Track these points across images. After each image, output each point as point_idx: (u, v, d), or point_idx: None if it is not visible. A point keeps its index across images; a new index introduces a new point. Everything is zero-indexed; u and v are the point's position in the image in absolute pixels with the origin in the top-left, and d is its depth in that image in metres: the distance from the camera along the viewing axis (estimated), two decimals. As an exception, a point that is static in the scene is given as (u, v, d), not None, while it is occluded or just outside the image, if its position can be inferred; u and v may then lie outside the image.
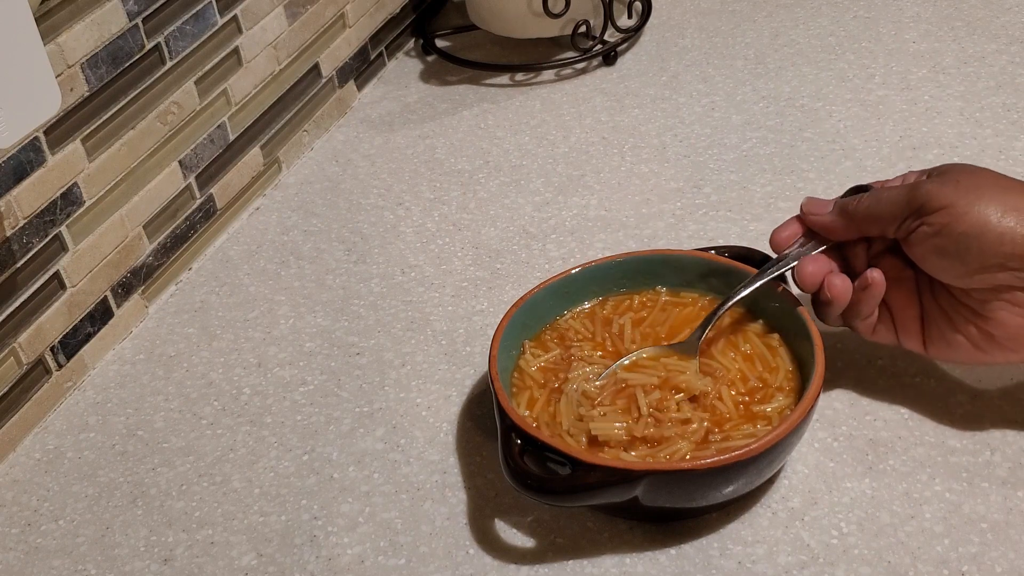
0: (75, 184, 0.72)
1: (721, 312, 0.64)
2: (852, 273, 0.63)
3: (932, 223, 0.59)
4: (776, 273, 0.64)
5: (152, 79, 0.77)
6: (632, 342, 0.65)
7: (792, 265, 0.64)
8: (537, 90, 1.00)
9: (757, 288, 0.64)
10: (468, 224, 0.84)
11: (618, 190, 0.86)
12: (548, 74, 1.02)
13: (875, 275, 0.61)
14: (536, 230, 0.83)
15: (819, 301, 0.63)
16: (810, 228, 0.65)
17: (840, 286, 0.62)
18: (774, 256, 0.65)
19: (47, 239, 0.70)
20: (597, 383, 0.62)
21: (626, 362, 0.64)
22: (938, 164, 0.84)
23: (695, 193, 0.84)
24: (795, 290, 0.65)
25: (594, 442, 0.60)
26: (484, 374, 0.71)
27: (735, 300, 0.64)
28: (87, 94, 0.71)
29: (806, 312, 0.63)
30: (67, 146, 0.71)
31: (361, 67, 1.02)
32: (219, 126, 0.84)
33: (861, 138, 0.87)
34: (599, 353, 0.65)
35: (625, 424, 0.60)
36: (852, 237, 0.64)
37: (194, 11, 0.79)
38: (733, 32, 1.04)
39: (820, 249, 0.64)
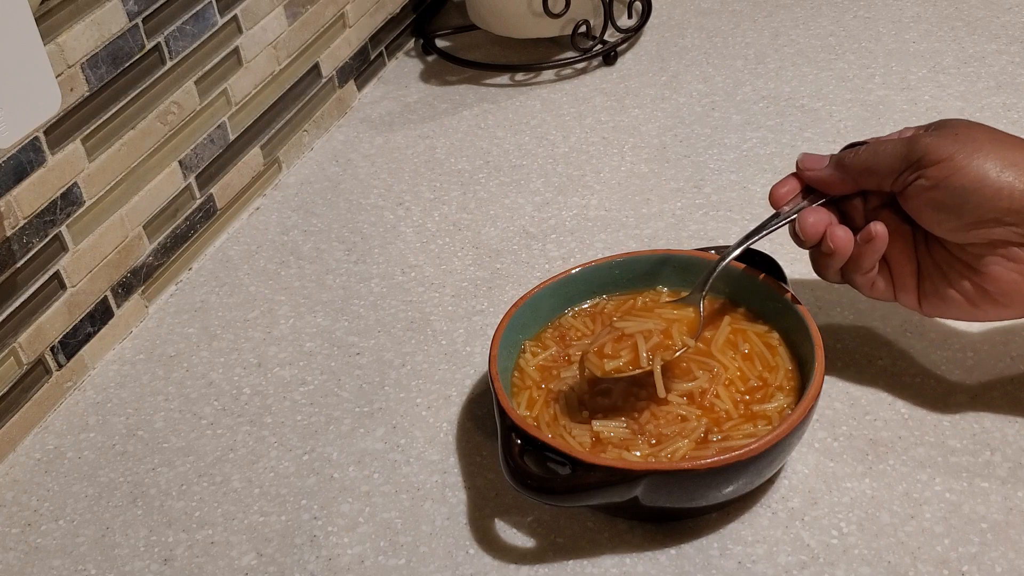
0: (75, 184, 0.72)
1: (722, 265, 0.64)
2: (851, 228, 0.63)
3: (930, 176, 0.58)
4: (777, 226, 0.64)
5: (152, 79, 0.77)
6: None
7: (792, 217, 0.64)
8: (537, 90, 1.00)
9: (757, 240, 0.64)
10: (468, 224, 0.84)
11: (618, 190, 0.86)
12: (548, 74, 1.02)
13: (878, 228, 0.61)
14: (536, 230, 0.83)
15: (820, 253, 0.63)
16: (807, 184, 0.65)
17: (843, 237, 0.62)
18: (776, 254, 0.66)
19: (47, 239, 0.70)
20: (595, 341, 0.63)
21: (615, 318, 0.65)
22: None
23: (695, 193, 0.84)
24: (791, 258, 0.66)
25: (596, 442, 0.60)
26: (484, 374, 0.71)
27: (736, 253, 0.64)
28: (87, 94, 0.71)
29: (806, 311, 0.63)
30: (67, 146, 0.71)
31: (361, 67, 1.02)
32: (219, 126, 0.84)
33: (861, 138, 0.87)
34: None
35: (626, 422, 0.60)
36: (849, 191, 0.63)
37: (194, 11, 0.79)
38: (733, 32, 1.04)
39: (819, 203, 0.64)
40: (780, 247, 0.77)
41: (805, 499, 0.60)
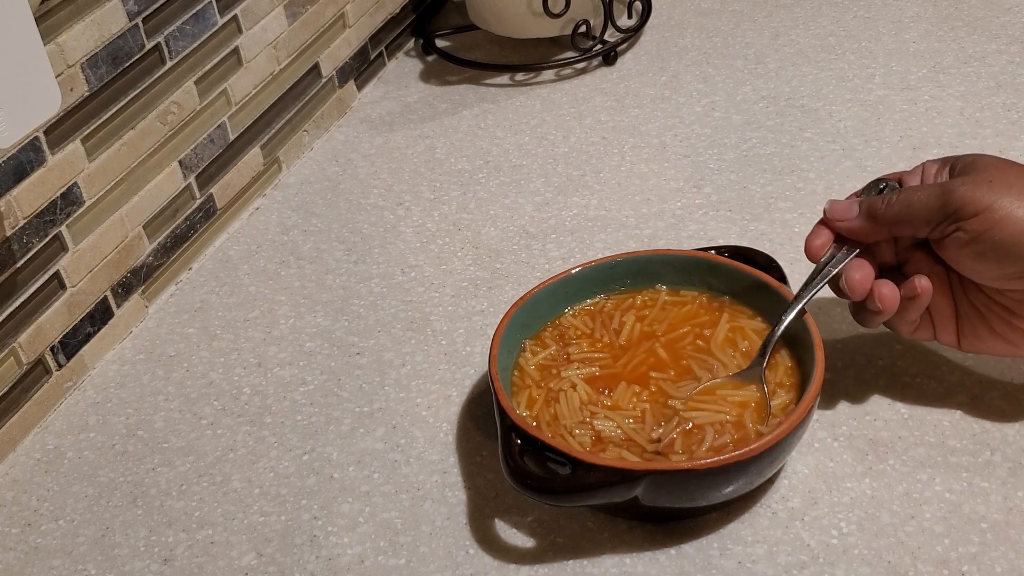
0: (75, 184, 0.72)
1: (779, 333, 0.62)
2: (881, 269, 0.62)
3: (969, 229, 0.57)
4: (824, 283, 0.63)
5: (152, 79, 0.77)
6: (631, 338, 0.66)
7: (834, 273, 0.62)
8: (537, 90, 1.00)
9: (808, 301, 0.62)
10: (468, 224, 0.84)
11: (618, 190, 0.86)
12: (548, 74, 1.02)
13: (923, 283, 0.60)
14: (536, 230, 0.83)
15: (866, 309, 0.62)
16: (838, 233, 0.63)
17: (889, 296, 0.60)
18: (778, 259, 0.65)
19: (47, 239, 0.70)
20: (658, 431, 0.60)
21: (678, 404, 0.61)
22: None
23: (695, 193, 0.84)
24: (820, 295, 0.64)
25: (598, 442, 0.60)
26: (484, 374, 0.71)
27: (790, 318, 0.62)
28: (87, 94, 0.71)
29: (804, 310, 0.63)
30: (67, 146, 0.71)
31: (361, 67, 1.02)
32: (219, 126, 0.84)
33: (861, 138, 0.87)
34: (596, 352, 0.65)
35: (631, 422, 0.60)
36: (882, 239, 0.62)
37: (194, 11, 0.79)
38: (733, 32, 1.04)
39: (854, 253, 0.63)
40: (780, 247, 0.77)
41: (805, 499, 0.60)
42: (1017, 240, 0.56)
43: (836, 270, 0.62)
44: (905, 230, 0.61)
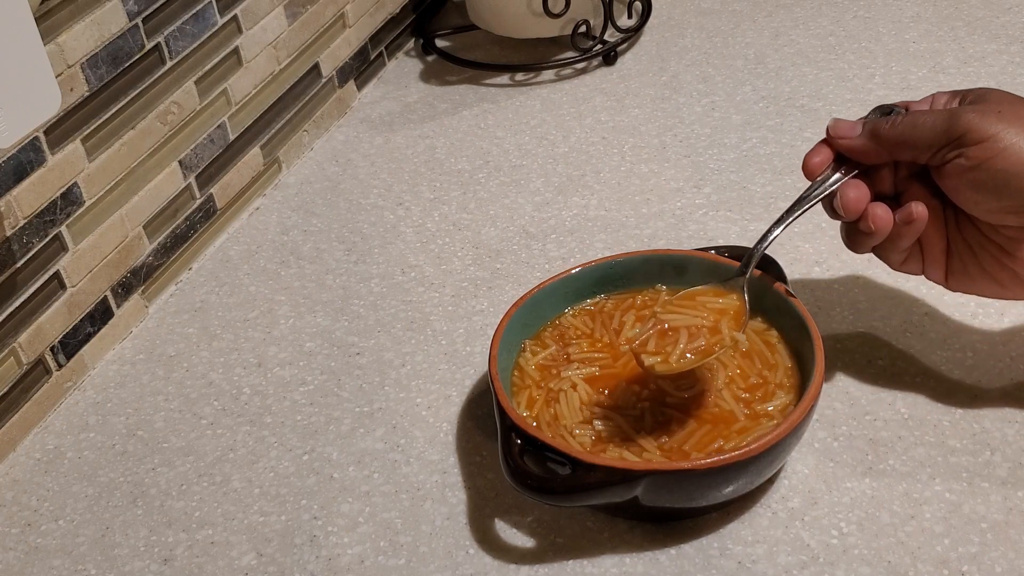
0: (75, 184, 0.72)
1: (767, 244, 0.62)
2: (878, 197, 0.61)
3: (971, 156, 0.56)
4: (816, 200, 0.62)
5: (152, 79, 0.77)
6: (630, 339, 0.66)
7: (830, 191, 0.61)
8: (537, 90, 1.00)
9: (798, 216, 0.62)
10: (468, 224, 0.84)
11: (618, 190, 0.86)
12: (548, 74, 1.02)
13: (919, 209, 0.59)
14: (536, 230, 0.83)
15: (857, 230, 0.61)
16: (839, 152, 0.62)
17: (883, 217, 0.60)
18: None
19: (47, 239, 0.70)
20: (635, 331, 0.60)
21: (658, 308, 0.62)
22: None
23: (695, 193, 0.84)
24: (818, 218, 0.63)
25: (599, 442, 0.60)
26: (484, 374, 0.71)
27: (779, 231, 0.62)
28: (87, 94, 0.71)
29: (805, 311, 0.63)
30: (67, 146, 0.71)
31: (361, 67, 1.02)
32: (219, 126, 0.84)
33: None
34: (596, 352, 0.65)
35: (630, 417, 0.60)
36: (882, 161, 0.61)
37: (194, 11, 0.79)
38: (733, 32, 1.04)
39: (852, 174, 0.61)
40: (780, 247, 0.77)
41: (805, 499, 0.60)
42: (1018, 172, 0.55)
43: (832, 189, 0.61)
44: (907, 153, 0.60)
